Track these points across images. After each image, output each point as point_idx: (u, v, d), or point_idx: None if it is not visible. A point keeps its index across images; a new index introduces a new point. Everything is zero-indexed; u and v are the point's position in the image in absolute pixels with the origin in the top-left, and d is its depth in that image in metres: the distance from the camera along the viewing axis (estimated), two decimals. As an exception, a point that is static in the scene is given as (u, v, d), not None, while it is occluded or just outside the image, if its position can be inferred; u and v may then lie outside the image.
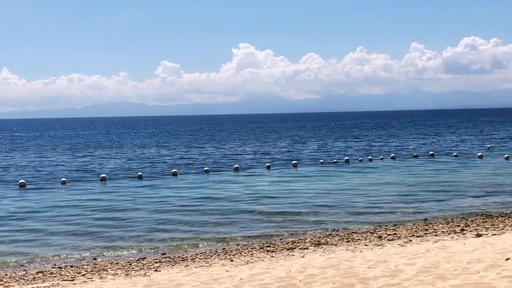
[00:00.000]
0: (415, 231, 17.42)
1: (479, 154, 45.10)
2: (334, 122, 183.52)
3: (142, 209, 23.47)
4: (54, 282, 12.81)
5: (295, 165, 40.42)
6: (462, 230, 17.06)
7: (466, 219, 19.41)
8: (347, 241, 16.27)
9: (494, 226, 17.55)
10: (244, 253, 15.45)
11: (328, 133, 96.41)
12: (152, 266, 14.19)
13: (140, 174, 35.75)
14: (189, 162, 45.92)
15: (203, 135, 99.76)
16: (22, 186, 31.74)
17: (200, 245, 17.02)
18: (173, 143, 74.69)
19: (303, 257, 14.13)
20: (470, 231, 16.82)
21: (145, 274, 13.13)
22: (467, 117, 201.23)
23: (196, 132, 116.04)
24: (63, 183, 32.97)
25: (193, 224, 20.11)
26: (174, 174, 36.31)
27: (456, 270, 9.91)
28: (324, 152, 53.90)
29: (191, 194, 27.45)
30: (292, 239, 17.18)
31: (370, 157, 44.73)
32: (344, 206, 23.11)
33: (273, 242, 16.92)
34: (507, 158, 41.92)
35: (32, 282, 13.09)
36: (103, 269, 14.11)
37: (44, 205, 25.18)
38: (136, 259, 15.39)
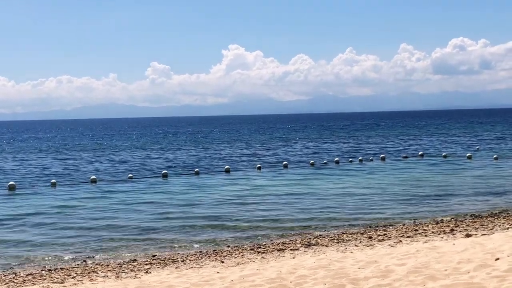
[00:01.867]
0: (405, 231, 17.48)
1: (468, 154, 45.33)
2: (323, 123, 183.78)
3: (131, 211, 23.39)
4: (44, 285, 12.74)
5: (285, 166, 40.48)
6: (452, 230, 17.13)
7: (456, 220, 19.50)
8: (338, 242, 16.31)
9: (484, 226, 17.64)
10: (235, 254, 15.44)
11: (318, 134, 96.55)
12: (142, 268, 14.14)
13: (130, 176, 35.65)
14: (179, 163, 45.83)
15: (192, 136, 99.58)
16: (11, 188, 31.51)
17: (191, 247, 16.99)
18: (162, 145, 74.51)
19: (293, 258, 14.14)
20: (460, 231, 16.90)
21: (135, 276, 13.09)
22: (456, 118, 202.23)
23: (185, 134, 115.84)
24: (53, 185, 32.79)
25: (183, 226, 20.06)
26: (164, 176, 36.21)
27: (446, 270, 9.96)
28: (314, 153, 53.98)
29: (181, 196, 27.40)
30: (282, 240, 17.19)
31: (360, 158, 44.84)
32: (334, 207, 23.14)
33: (264, 243, 16.92)
34: (496, 159, 42.17)
35: (22, 285, 13.01)
36: (93, 271, 14.04)
37: (34, 207, 25.03)
38: (127, 261, 15.34)
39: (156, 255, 15.97)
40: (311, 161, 42.80)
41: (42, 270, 14.61)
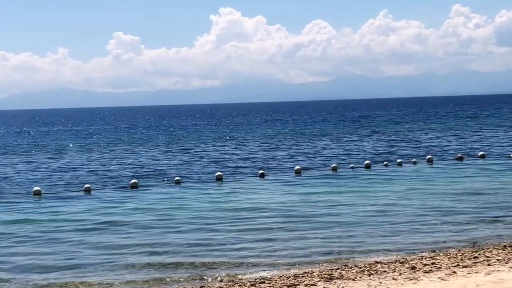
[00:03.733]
0: (461, 259, 17.51)
1: (546, 154, 45.28)
2: (349, 113, 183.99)
3: (85, 238, 23.40)
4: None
5: (298, 172, 40.50)
6: (524, 257, 17.14)
7: (529, 243, 19.53)
8: (369, 274, 16.34)
9: None
10: (230, 292, 15.50)
11: (341, 129, 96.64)
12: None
13: (87, 187, 35.65)
14: (154, 169, 45.85)
15: (171, 132, 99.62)
16: None
17: (169, 283, 17.01)
18: (129, 145, 74.56)
19: (309, 296, 14.17)
20: (535, 258, 16.91)
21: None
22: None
23: (161, 128, 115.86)
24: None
25: (158, 254, 20.10)
26: (134, 186, 36.22)
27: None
28: (337, 154, 54.02)
29: (155, 214, 27.36)
30: (294, 272, 17.23)
31: (399, 160, 44.86)
32: (364, 227, 23.21)
33: (269, 277, 16.96)
34: None
35: None
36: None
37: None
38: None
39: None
40: (333, 165, 42.84)
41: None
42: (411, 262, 17.52)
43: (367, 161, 44.32)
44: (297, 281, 16.14)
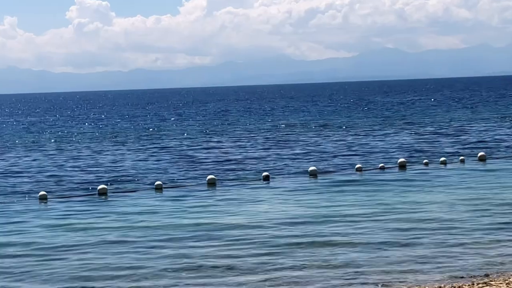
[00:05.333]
0: (525, 285, 17.54)
1: None
2: (377, 98, 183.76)
3: (38, 263, 23.50)
4: None
5: (313, 174, 40.41)
6: None
7: None
8: (406, 306, 16.40)
9: None
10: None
11: (367, 118, 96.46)
12: None
13: (43, 194, 35.64)
14: (129, 172, 45.81)
15: (147, 125, 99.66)
16: None
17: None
18: (93, 141, 74.56)
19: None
20: None
21: None
22: None
23: (135, 120, 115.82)
24: None
25: (140, 276, 20.21)
26: (102, 193, 36.16)
27: None
28: (363, 151, 53.94)
29: (127, 231, 27.28)
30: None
31: (442, 158, 44.76)
32: (398, 243, 23.25)
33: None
34: None
35: None
36: None
37: None
38: None
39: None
40: (358, 165, 42.74)
41: None
42: (459, 290, 17.57)
43: (402, 159, 44.18)
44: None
